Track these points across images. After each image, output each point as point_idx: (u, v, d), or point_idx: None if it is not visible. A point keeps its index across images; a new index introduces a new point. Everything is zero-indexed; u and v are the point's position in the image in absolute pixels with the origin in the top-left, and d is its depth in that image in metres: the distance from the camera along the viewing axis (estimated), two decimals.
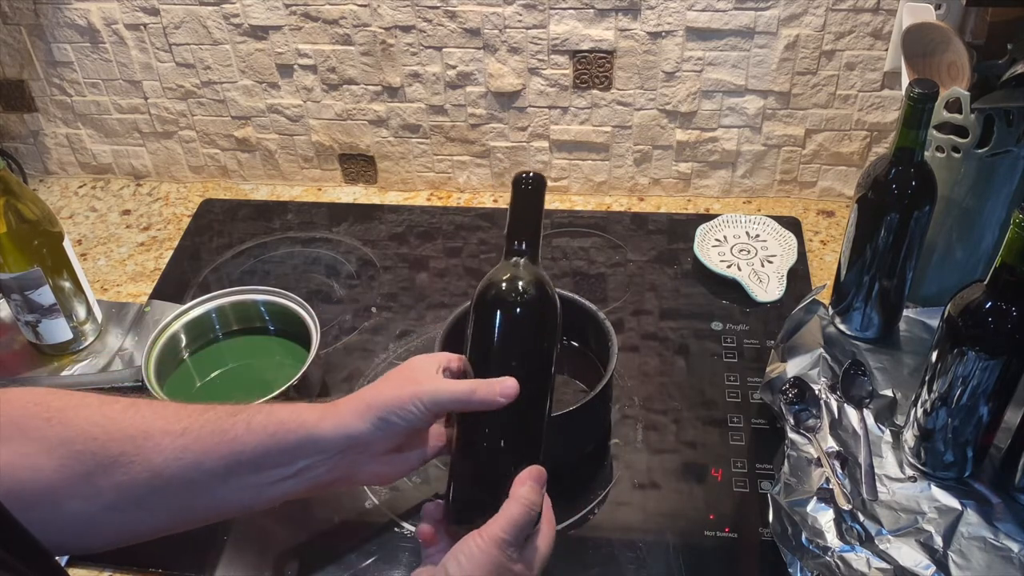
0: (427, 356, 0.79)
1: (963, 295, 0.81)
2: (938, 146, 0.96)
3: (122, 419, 0.66)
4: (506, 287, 0.73)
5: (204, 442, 0.67)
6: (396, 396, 0.72)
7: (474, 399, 0.72)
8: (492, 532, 0.66)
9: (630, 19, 1.15)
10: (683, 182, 1.29)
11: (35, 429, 0.62)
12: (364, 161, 1.33)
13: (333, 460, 0.71)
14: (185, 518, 0.69)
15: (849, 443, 0.91)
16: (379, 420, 0.71)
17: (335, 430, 0.70)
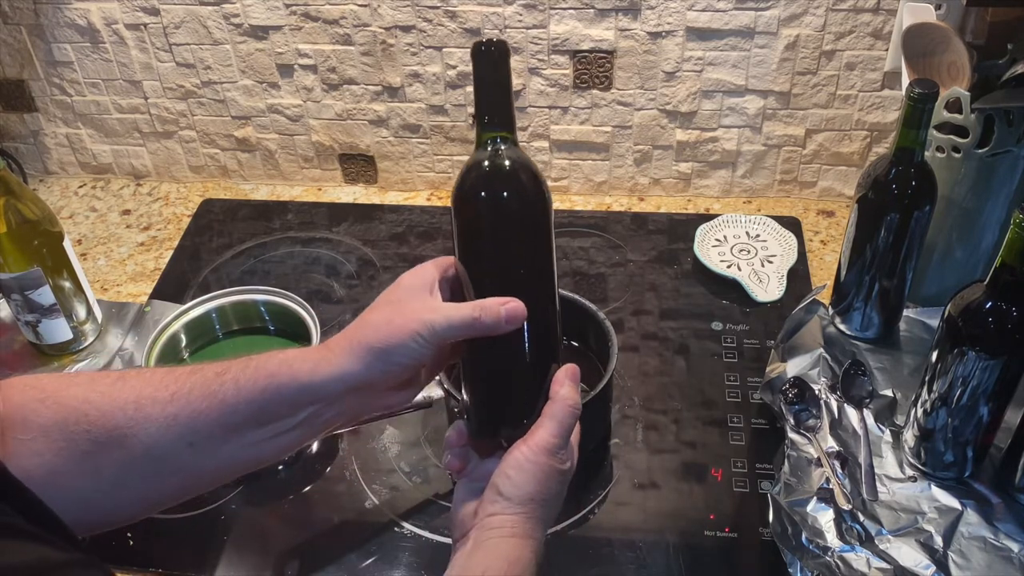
0: (418, 273, 0.74)
1: (963, 295, 0.81)
2: (938, 146, 0.96)
3: (112, 392, 0.64)
4: (491, 175, 0.65)
5: (194, 406, 0.65)
6: (394, 334, 0.67)
7: (478, 325, 0.67)
8: (541, 439, 0.63)
9: (630, 19, 1.15)
10: (683, 182, 1.29)
11: (33, 413, 0.62)
12: (364, 161, 1.33)
13: (336, 404, 0.68)
14: (197, 482, 0.68)
15: (849, 443, 0.91)
16: (379, 361, 0.67)
17: (332, 377, 0.66)
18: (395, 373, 0.68)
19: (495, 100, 0.67)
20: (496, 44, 0.66)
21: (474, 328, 0.67)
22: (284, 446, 0.69)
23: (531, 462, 0.63)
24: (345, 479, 0.94)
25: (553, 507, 0.65)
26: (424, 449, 0.96)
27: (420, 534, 0.88)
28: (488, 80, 0.67)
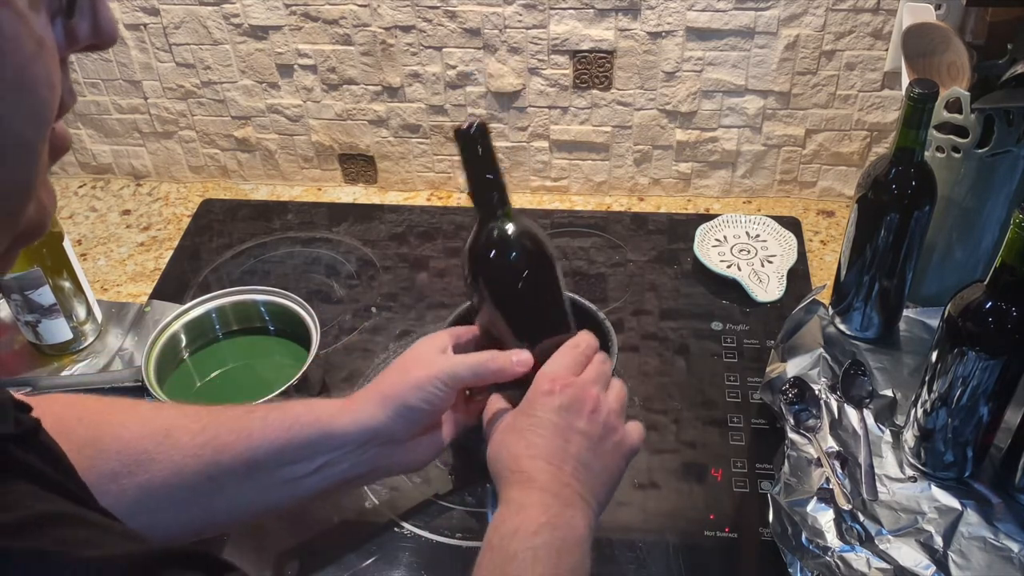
0: (431, 338, 0.78)
1: (963, 295, 0.81)
2: (938, 146, 0.96)
3: (148, 418, 0.66)
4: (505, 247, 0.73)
5: (222, 439, 0.67)
6: (414, 381, 0.71)
7: (491, 367, 0.72)
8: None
9: (630, 19, 1.15)
10: (683, 182, 1.29)
11: (71, 431, 0.62)
12: (364, 161, 1.33)
13: (355, 455, 0.70)
14: (208, 519, 0.69)
15: (849, 443, 0.91)
16: (400, 407, 0.70)
17: (354, 424, 0.69)
18: (415, 420, 0.71)
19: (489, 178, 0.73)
20: (477, 127, 0.71)
21: (487, 368, 0.73)
22: (300, 494, 0.70)
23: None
24: None
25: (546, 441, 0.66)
26: None
27: (420, 534, 0.88)
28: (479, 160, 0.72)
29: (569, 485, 0.65)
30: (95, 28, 0.40)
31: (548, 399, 0.67)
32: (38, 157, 0.39)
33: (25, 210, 0.40)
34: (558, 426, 0.66)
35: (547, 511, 0.62)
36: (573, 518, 0.63)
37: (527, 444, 0.66)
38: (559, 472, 0.65)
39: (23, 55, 0.36)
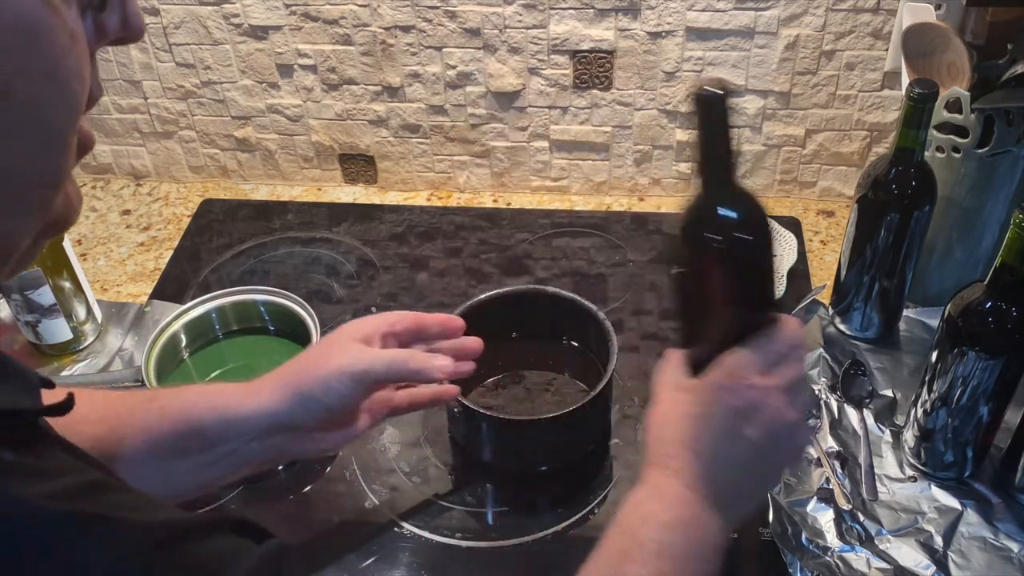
0: (360, 322, 0.74)
1: (963, 295, 0.81)
2: (938, 146, 0.96)
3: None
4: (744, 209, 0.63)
5: (118, 431, 0.65)
6: (321, 373, 0.67)
7: (410, 367, 0.68)
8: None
9: (630, 19, 1.15)
10: (683, 182, 1.29)
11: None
12: (364, 161, 1.33)
13: (258, 442, 0.67)
14: None
15: (849, 443, 0.91)
16: (304, 399, 0.66)
17: (255, 412, 0.66)
18: (319, 414, 0.68)
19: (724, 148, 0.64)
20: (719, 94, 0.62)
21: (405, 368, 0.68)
22: (206, 481, 0.68)
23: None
24: (345, 479, 0.94)
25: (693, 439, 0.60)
26: (424, 449, 0.96)
27: (420, 534, 0.88)
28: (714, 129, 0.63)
29: (719, 491, 0.59)
30: (124, 22, 0.41)
31: (726, 396, 0.60)
32: (68, 148, 0.40)
33: (54, 201, 0.41)
34: (728, 429, 0.60)
35: (688, 508, 0.58)
36: (711, 523, 0.58)
37: (691, 433, 0.60)
38: (714, 475, 0.59)
39: (57, 47, 0.37)
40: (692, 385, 0.62)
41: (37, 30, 0.36)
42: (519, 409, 0.96)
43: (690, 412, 0.61)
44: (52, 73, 0.37)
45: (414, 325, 0.77)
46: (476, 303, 0.97)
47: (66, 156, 0.41)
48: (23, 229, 0.41)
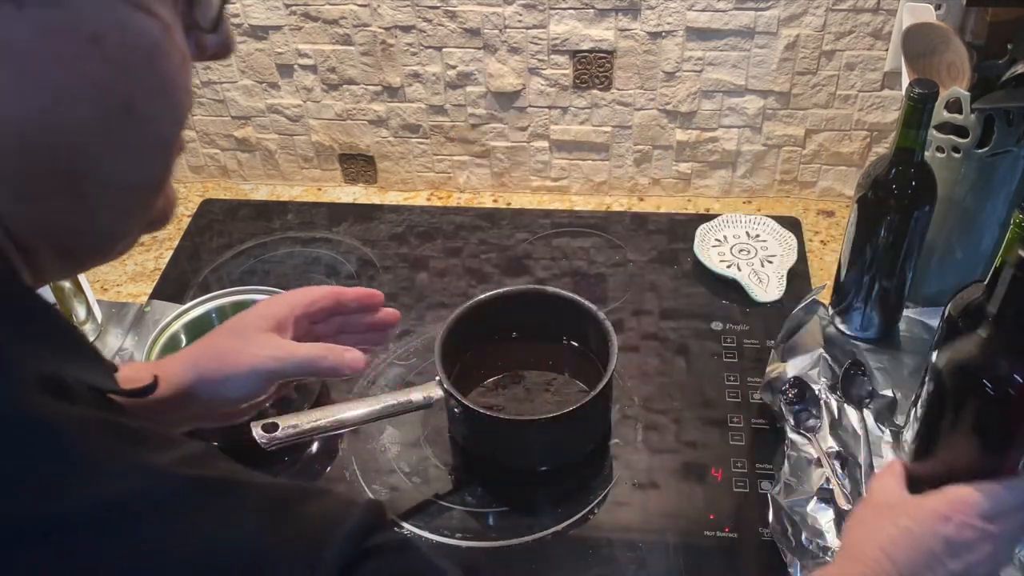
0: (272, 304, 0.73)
1: (963, 295, 0.80)
2: (938, 146, 0.96)
3: None
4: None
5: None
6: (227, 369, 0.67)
7: (323, 365, 0.68)
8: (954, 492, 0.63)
9: (630, 19, 1.15)
10: (683, 182, 1.29)
11: None
12: (364, 161, 1.33)
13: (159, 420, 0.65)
14: None
15: (849, 443, 0.91)
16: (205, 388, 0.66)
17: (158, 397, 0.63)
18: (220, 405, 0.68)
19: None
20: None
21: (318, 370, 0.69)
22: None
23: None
24: (345, 479, 0.94)
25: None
26: (424, 449, 0.96)
27: (420, 534, 0.88)
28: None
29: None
30: (223, 43, 0.45)
31: (940, 524, 0.62)
32: (172, 155, 0.44)
33: (157, 202, 0.45)
34: (932, 552, 0.62)
35: None
36: None
37: (896, 545, 0.62)
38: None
39: (171, 65, 0.41)
40: (910, 501, 0.65)
41: (155, 50, 0.40)
42: (519, 409, 0.96)
43: (900, 524, 0.64)
44: (165, 89, 0.41)
45: (331, 304, 0.77)
46: (476, 303, 0.97)
47: (170, 162, 0.44)
48: (131, 228, 0.45)
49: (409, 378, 1.04)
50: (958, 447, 0.68)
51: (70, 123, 0.38)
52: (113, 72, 0.38)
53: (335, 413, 0.86)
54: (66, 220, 0.41)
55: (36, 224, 0.40)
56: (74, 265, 0.46)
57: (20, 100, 0.36)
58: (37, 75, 0.36)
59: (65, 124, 0.38)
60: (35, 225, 0.40)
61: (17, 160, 0.37)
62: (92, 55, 0.37)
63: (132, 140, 0.41)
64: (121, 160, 0.41)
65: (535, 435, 0.90)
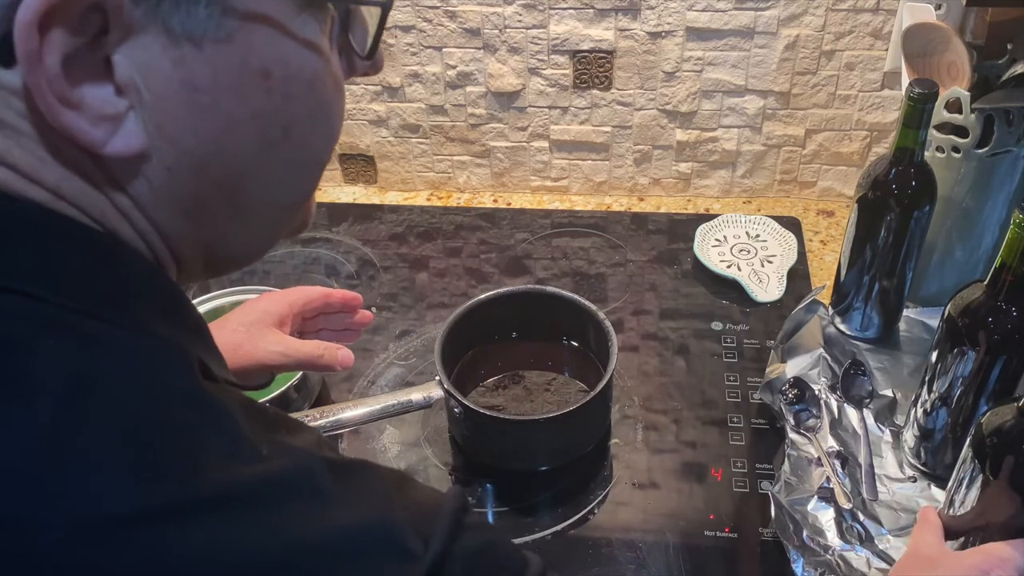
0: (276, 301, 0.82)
1: (963, 295, 0.81)
2: (938, 146, 0.96)
3: None
4: None
5: None
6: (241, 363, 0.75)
7: (319, 363, 0.78)
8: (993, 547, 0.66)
9: (630, 19, 1.15)
10: (683, 182, 1.29)
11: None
12: (364, 161, 1.33)
13: None
14: None
15: (849, 443, 0.91)
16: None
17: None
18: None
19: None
20: None
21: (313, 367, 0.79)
22: None
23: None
24: None
25: None
26: (424, 449, 0.96)
27: None
28: None
29: None
30: (375, 65, 0.47)
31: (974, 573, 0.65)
32: (322, 171, 0.48)
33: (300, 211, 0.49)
34: None
35: None
36: None
37: None
38: None
39: (328, 92, 0.43)
40: (951, 556, 0.67)
41: (316, 79, 0.42)
42: (519, 409, 0.96)
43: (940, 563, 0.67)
44: (321, 114, 0.44)
45: (322, 304, 0.86)
46: (476, 303, 0.97)
47: (320, 177, 0.48)
48: (277, 238, 0.49)
49: (409, 378, 1.04)
50: (997, 504, 0.69)
51: (238, 150, 0.41)
52: (277, 102, 0.41)
53: (335, 413, 0.87)
54: (222, 234, 0.45)
55: (194, 237, 0.43)
56: (217, 271, 0.49)
57: (197, 131, 0.39)
58: (213, 108, 0.39)
59: (234, 151, 0.41)
60: (193, 238, 0.43)
61: (190, 184, 0.41)
62: (261, 87, 0.40)
63: (289, 162, 0.44)
64: (278, 180, 0.44)
65: (535, 435, 0.90)
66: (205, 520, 0.35)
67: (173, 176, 0.40)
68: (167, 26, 0.36)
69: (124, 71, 0.36)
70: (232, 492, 0.36)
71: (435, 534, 0.41)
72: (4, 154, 0.37)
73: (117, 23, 0.35)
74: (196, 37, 0.37)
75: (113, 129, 0.37)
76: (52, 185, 0.37)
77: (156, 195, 0.40)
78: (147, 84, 0.37)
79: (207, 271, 0.47)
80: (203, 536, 0.34)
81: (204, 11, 0.37)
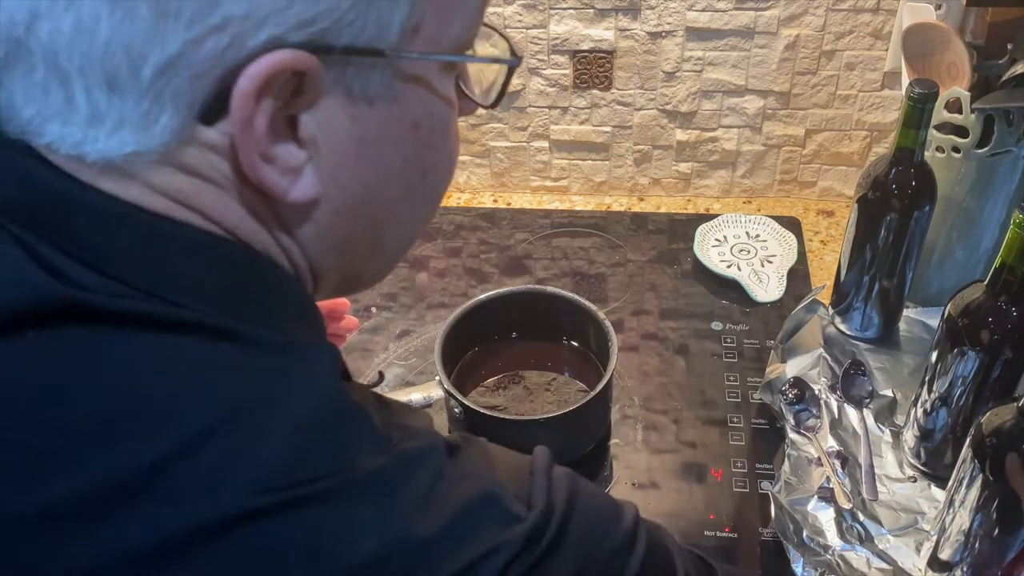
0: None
1: (963, 295, 0.81)
2: (938, 146, 0.96)
3: None
4: None
5: None
6: None
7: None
8: None
9: (630, 19, 1.15)
10: (683, 182, 1.29)
11: None
12: None
13: None
14: None
15: (849, 443, 0.91)
16: None
17: None
18: None
19: None
20: None
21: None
22: None
23: None
24: None
25: None
26: None
27: None
28: None
29: None
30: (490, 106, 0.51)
31: None
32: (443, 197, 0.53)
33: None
34: None
35: None
36: None
37: None
38: None
39: (453, 136, 0.48)
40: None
41: (449, 127, 0.47)
42: (519, 409, 0.96)
43: None
44: (450, 154, 0.49)
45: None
46: (476, 303, 0.97)
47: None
48: (398, 263, 0.54)
49: (409, 378, 1.04)
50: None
51: (388, 193, 0.46)
52: (422, 150, 0.46)
53: None
54: (363, 264, 0.50)
55: (338, 267, 0.48)
56: (343, 293, 0.54)
57: (362, 178, 0.44)
58: (376, 158, 0.44)
59: (385, 194, 0.46)
60: (337, 267, 0.48)
61: (348, 224, 0.45)
62: (411, 139, 0.45)
63: (424, 201, 0.50)
64: (412, 213, 0.49)
65: (535, 435, 0.90)
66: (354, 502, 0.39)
67: (336, 218, 0.45)
68: (348, 88, 0.41)
69: (308, 128, 0.41)
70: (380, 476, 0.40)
71: (534, 493, 0.46)
72: (193, 198, 0.40)
73: (311, 87, 0.39)
74: (370, 97, 0.42)
75: (295, 179, 0.42)
76: (230, 227, 0.42)
77: (319, 235, 0.45)
78: (326, 139, 0.41)
79: (339, 291, 0.52)
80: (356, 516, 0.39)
81: (379, 76, 0.41)
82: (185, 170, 0.40)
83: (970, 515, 0.72)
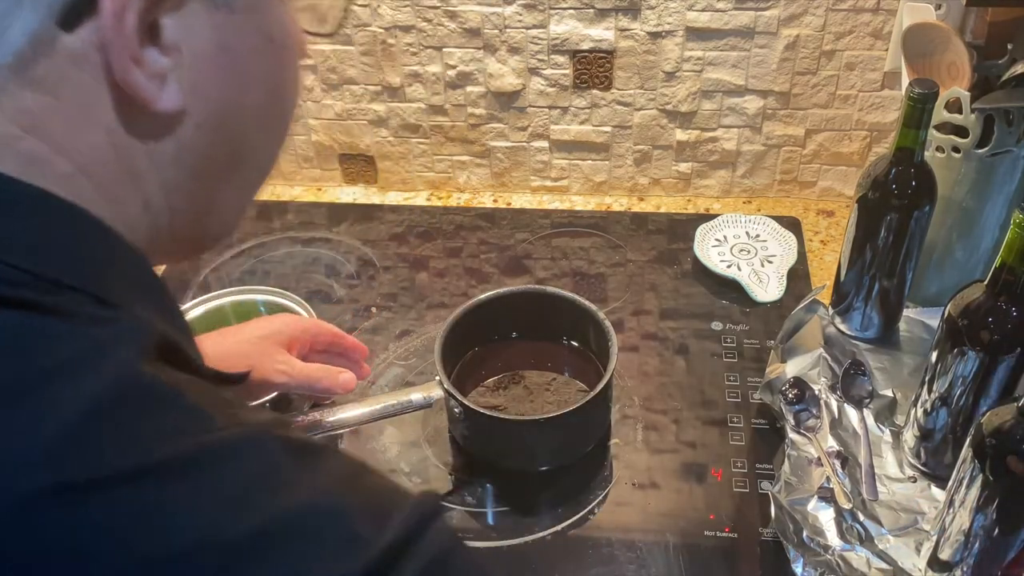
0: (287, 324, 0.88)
1: (963, 295, 0.81)
2: (938, 146, 0.96)
3: None
4: None
5: None
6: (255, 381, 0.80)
7: (318, 387, 0.84)
8: None
9: (630, 19, 1.15)
10: (683, 182, 1.29)
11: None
12: (364, 161, 1.33)
13: None
14: None
15: (849, 443, 0.91)
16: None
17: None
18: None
19: None
20: None
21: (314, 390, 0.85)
22: None
23: None
24: None
25: None
26: (424, 449, 0.96)
27: None
28: None
29: None
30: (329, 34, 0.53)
31: None
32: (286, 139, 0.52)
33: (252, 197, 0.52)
34: None
35: None
36: None
37: None
38: None
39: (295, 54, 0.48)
40: None
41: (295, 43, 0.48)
42: (519, 409, 0.96)
43: None
44: (294, 76, 0.49)
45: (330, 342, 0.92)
46: (476, 303, 0.97)
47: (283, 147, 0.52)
48: (243, 214, 0.52)
49: (409, 378, 1.04)
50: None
51: (247, 108, 0.46)
52: (275, 66, 0.46)
53: (335, 413, 0.87)
54: (214, 187, 0.47)
55: (190, 189, 0.46)
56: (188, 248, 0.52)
57: (223, 89, 0.44)
58: (236, 68, 0.44)
59: (244, 109, 0.45)
60: (189, 190, 0.46)
61: (208, 140, 0.44)
62: (267, 50, 0.45)
63: (274, 124, 0.49)
64: (265, 143, 0.49)
65: (535, 435, 0.90)
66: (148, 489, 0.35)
67: (198, 133, 0.43)
68: None
69: (171, 33, 0.40)
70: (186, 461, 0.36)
71: (392, 523, 0.39)
72: (40, 124, 0.38)
73: None
74: (231, 4, 0.42)
75: (161, 86, 0.40)
76: (80, 157, 0.40)
77: (179, 151, 0.43)
78: (189, 45, 0.41)
79: (180, 248, 0.50)
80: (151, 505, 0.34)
81: None
82: (36, 87, 0.37)
83: (970, 515, 0.72)
